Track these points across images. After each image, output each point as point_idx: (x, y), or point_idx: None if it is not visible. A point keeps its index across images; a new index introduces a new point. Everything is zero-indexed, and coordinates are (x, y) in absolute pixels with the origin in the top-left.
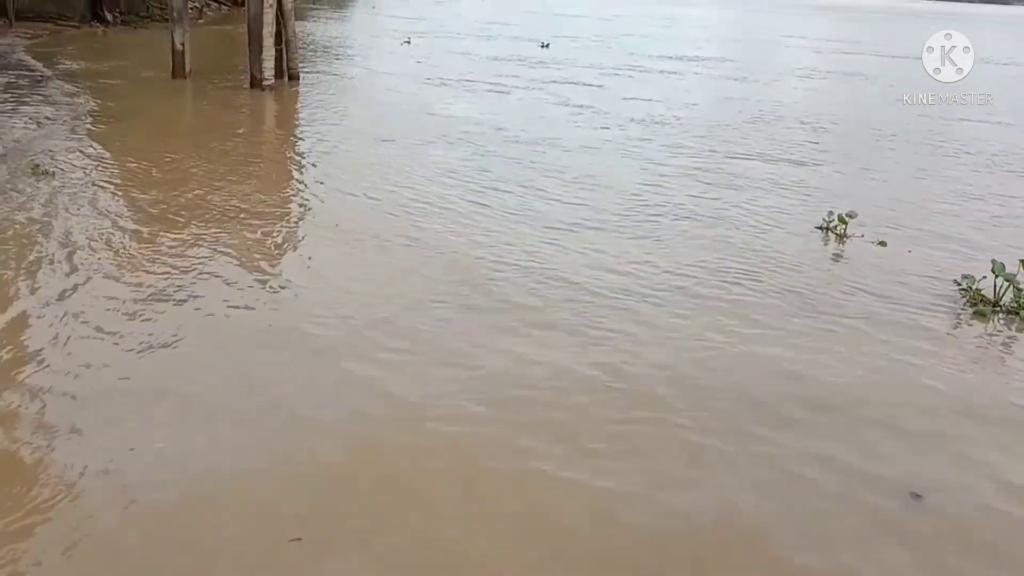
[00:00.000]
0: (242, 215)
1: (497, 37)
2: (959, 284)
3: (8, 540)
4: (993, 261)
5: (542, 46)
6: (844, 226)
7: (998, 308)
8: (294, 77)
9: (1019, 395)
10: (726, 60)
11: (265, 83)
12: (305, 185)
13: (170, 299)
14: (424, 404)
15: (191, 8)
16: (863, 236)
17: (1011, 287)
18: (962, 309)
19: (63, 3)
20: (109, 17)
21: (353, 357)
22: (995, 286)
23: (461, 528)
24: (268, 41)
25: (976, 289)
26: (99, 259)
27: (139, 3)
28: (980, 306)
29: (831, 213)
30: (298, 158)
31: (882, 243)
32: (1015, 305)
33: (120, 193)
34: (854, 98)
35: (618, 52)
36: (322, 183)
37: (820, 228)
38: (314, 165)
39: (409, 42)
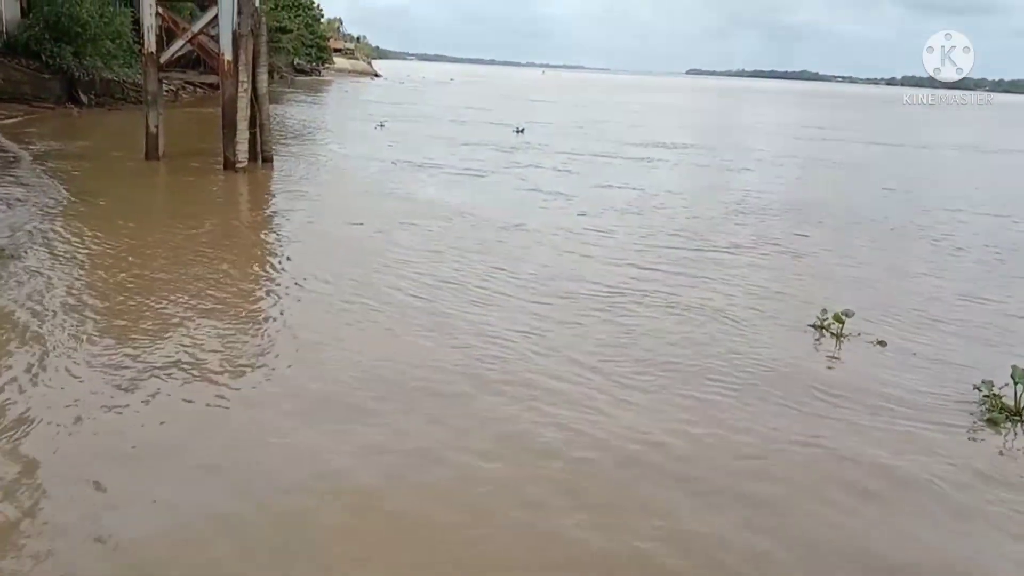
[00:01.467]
0: (203, 306)
1: (471, 122)
2: (979, 390)
3: None
4: (1014, 368)
5: (516, 131)
6: (841, 325)
7: (1019, 418)
8: (268, 160)
9: None
10: (704, 147)
11: (239, 166)
12: (268, 272)
13: (118, 401)
14: None
15: (166, 91)
16: (859, 335)
17: None
18: (979, 419)
19: (38, 85)
20: (84, 99)
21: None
22: (1016, 393)
23: None
24: (242, 124)
25: (996, 395)
26: (51, 348)
27: (114, 85)
28: (995, 414)
29: (825, 311)
30: (265, 244)
31: (881, 343)
32: None
33: (82, 279)
34: (839, 187)
35: (594, 138)
36: (285, 271)
37: (814, 327)
38: (279, 251)
39: (383, 126)
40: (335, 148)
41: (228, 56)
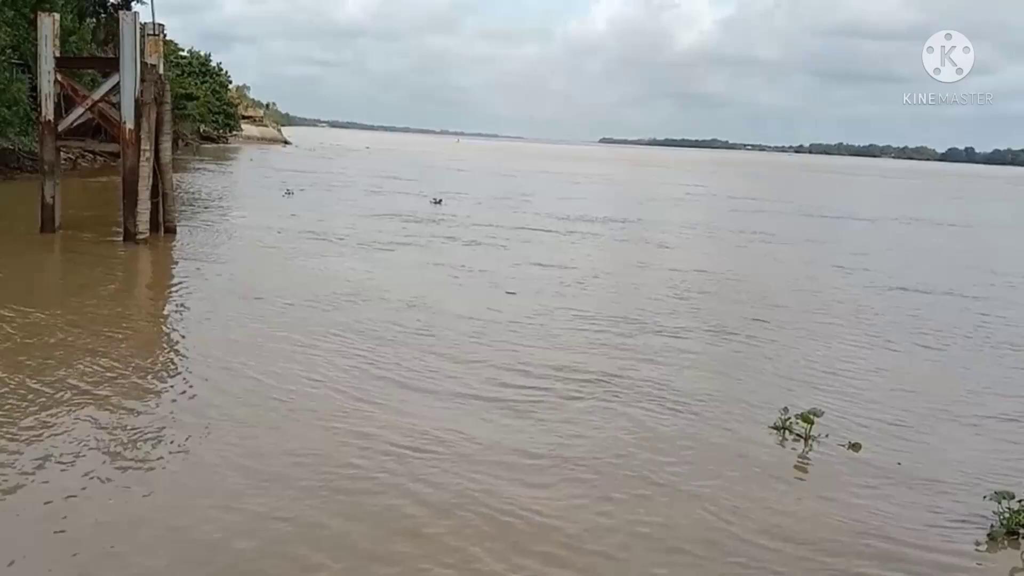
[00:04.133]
0: (91, 392)
1: (385, 191)
2: (998, 503)
3: None
4: None
5: (434, 202)
6: (809, 427)
7: None
8: (170, 230)
9: None
10: (635, 220)
11: (139, 237)
12: (161, 355)
13: None
14: None
15: (64, 159)
16: (828, 437)
17: None
18: (991, 543)
19: None
20: None
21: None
22: None
23: None
24: (144, 194)
25: (1018, 510)
26: None
27: (8, 154)
28: (997, 529)
29: (787, 409)
30: (160, 324)
31: (855, 446)
32: None
33: None
34: (789, 265)
35: (515, 210)
36: (179, 353)
37: (776, 428)
38: (175, 332)
39: (291, 194)
40: (240, 218)
41: (130, 124)
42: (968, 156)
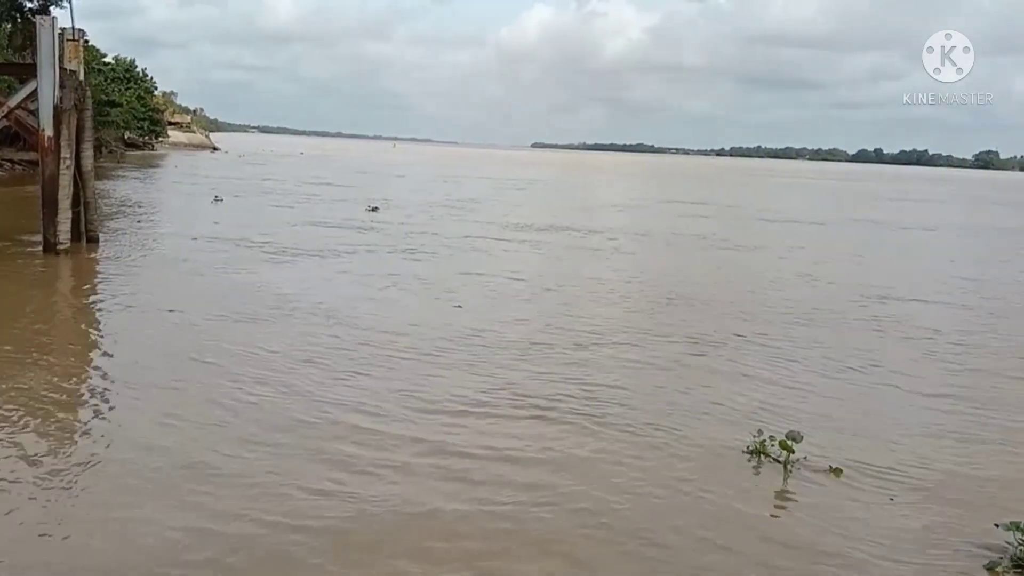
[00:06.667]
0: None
1: (319, 198)
2: (1016, 530)
3: None
4: None
5: (370, 209)
6: (788, 454)
7: None
8: (93, 240)
9: None
10: (581, 228)
11: (60, 247)
12: (71, 376)
13: None
14: None
15: None
16: (806, 459)
17: None
18: None
19: None
20: None
21: None
22: None
23: None
24: (64, 203)
25: None
26: None
27: None
28: (997, 560)
29: (761, 431)
30: (76, 341)
31: (836, 471)
32: None
33: None
34: (754, 274)
35: (458, 218)
36: (93, 372)
37: (750, 452)
38: (90, 349)
39: (221, 200)
40: (166, 225)
41: (49, 132)
42: (877, 157)
